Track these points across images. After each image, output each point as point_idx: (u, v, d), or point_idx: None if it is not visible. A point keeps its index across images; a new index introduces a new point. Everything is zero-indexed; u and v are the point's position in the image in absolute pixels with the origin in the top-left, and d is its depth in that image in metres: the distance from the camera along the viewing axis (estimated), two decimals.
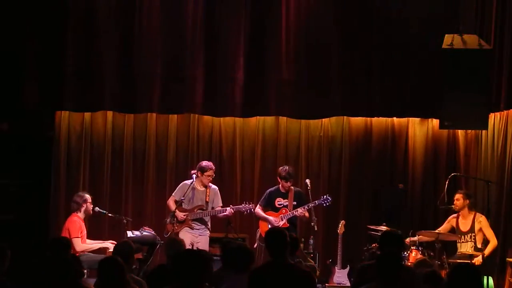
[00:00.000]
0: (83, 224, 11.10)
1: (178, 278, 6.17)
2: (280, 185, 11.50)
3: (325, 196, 11.53)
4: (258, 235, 11.57)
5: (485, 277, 10.50)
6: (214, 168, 11.47)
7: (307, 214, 11.41)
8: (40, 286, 6.37)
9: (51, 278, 6.29)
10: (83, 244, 10.94)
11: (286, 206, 11.44)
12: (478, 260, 10.78)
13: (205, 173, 11.32)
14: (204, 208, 11.32)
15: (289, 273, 6.67)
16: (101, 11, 12.38)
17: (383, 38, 12.58)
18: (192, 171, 11.56)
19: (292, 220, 11.39)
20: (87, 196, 11.21)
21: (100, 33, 12.37)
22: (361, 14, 12.59)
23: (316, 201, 11.42)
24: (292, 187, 11.53)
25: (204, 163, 11.52)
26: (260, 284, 6.64)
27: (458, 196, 11.32)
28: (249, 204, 11.37)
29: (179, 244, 8.78)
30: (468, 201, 11.32)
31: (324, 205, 11.56)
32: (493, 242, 11.14)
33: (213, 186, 11.52)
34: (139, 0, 12.42)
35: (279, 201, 11.49)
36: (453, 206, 11.36)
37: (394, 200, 12.41)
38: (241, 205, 11.41)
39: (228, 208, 11.27)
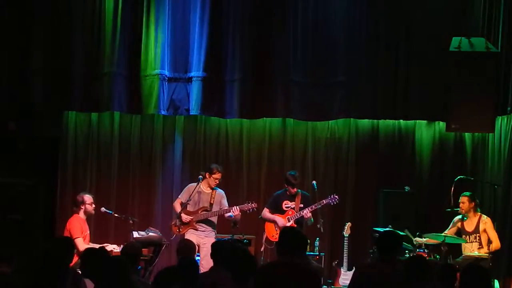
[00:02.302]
0: (85, 225, 11.07)
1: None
2: (287, 189, 11.51)
3: (332, 195, 11.53)
4: (264, 237, 11.58)
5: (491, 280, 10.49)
6: (222, 172, 11.45)
7: (310, 216, 11.42)
8: None
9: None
10: (86, 244, 10.92)
11: (293, 208, 11.45)
12: (486, 263, 10.77)
13: (213, 175, 11.33)
14: (208, 209, 11.32)
15: (295, 273, 6.66)
16: (109, 12, 12.40)
17: (390, 40, 12.57)
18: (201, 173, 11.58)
19: (299, 221, 11.40)
20: (87, 197, 11.16)
21: (107, 33, 12.39)
22: (368, 17, 12.58)
23: (324, 200, 11.44)
24: (299, 191, 11.54)
25: (214, 165, 11.55)
26: (266, 282, 6.63)
27: (463, 199, 11.31)
28: (252, 203, 11.37)
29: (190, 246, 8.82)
30: (473, 203, 11.33)
31: (332, 203, 11.57)
32: (496, 244, 11.13)
33: (219, 190, 11.52)
34: (147, 2, 12.43)
35: (287, 204, 11.51)
36: (458, 209, 11.37)
37: (401, 202, 12.39)
38: (244, 204, 11.42)
39: (233, 208, 11.26)
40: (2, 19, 12.29)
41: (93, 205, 11.17)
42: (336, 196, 11.55)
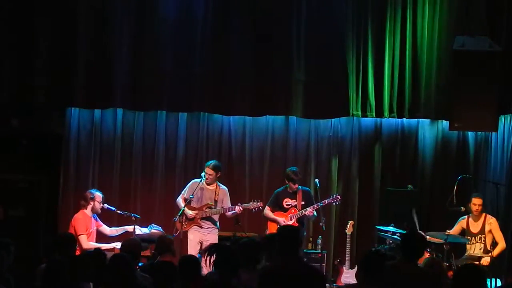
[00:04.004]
0: (91, 221, 11.05)
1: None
2: (287, 186, 11.50)
3: (334, 195, 11.52)
4: None
5: (493, 279, 10.49)
6: (214, 167, 11.34)
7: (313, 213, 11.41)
8: None
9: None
10: (90, 242, 10.90)
11: (295, 206, 11.44)
12: (486, 260, 10.78)
13: (206, 171, 11.34)
14: (213, 206, 11.32)
15: (300, 272, 6.64)
16: (113, 8, 12.41)
17: (394, 39, 12.56)
18: None
19: (300, 220, 11.40)
20: (97, 194, 11.17)
21: (111, 30, 12.40)
22: (373, 14, 12.58)
23: (326, 200, 11.43)
24: (300, 187, 11.53)
25: (210, 161, 11.57)
26: (271, 282, 6.61)
27: (478, 201, 11.20)
28: (258, 202, 11.36)
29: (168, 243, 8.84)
30: (483, 205, 11.32)
31: (334, 203, 11.56)
32: (502, 245, 11.12)
33: (223, 187, 11.52)
34: None
35: (287, 202, 11.49)
36: (463, 208, 11.33)
37: (403, 201, 12.37)
38: (250, 203, 11.41)
39: (236, 206, 11.27)
40: (5, 17, 12.28)
41: (101, 204, 11.17)
42: (339, 197, 11.57)
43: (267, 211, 11.57)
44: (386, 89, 12.55)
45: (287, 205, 11.47)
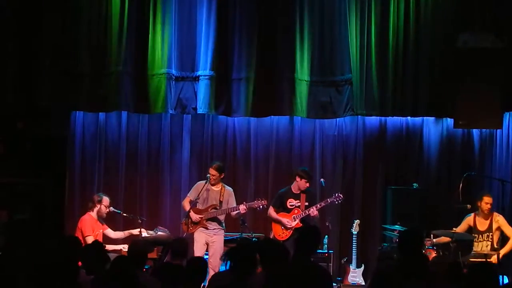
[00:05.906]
0: (97, 224, 11.09)
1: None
2: (292, 186, 11.49)
3: (336, 194, 11.50)
4: (271, 236, 11.55)
5: (501, 276, 10.45)
6: (217, 168, 11.37)
7: (317, 214, 11.40)
8: None
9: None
10: None
11: (298, 207, 11.42)
12: (493, 258, 10.76)
13: (209, 171, 11.36)
14: (218, 207, 11.32)
15: (309, 272, 6.65)
16: (115, 11, 12.39)
17: (398, 37, 12.54)
18: None
19: (305, 220, 11.38)
20: (105, 198, 11.21)
21: (114, 33, 12.39)
22: (376, 12, 12.55)
23: (328, 199, 11.42)
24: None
25: (213, 162, 11.58)
26: (279, 280, 6.62)
27: (491, 200, 11.20)
28: (262, 200, 11.35)
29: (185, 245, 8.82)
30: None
31: (336, 202, 11.54)
32: None
33: (228, 188, 11.52)
34: (153, 1, 12.43)
35: (291, 202, 11.47)
36: (468, 206, 11.30)
37: (409, 199, 12.36)
38: (254, 201, 11.41)
39: (240, 206, 11.27)
40: (9, 19, 12.30)
41: (107, 209, 11.20)
42: (340, 195, 11.53)
43: (271, 211, 11.56)
44: (390, 88, 12.52)
45: (290, 205, 11.46)
